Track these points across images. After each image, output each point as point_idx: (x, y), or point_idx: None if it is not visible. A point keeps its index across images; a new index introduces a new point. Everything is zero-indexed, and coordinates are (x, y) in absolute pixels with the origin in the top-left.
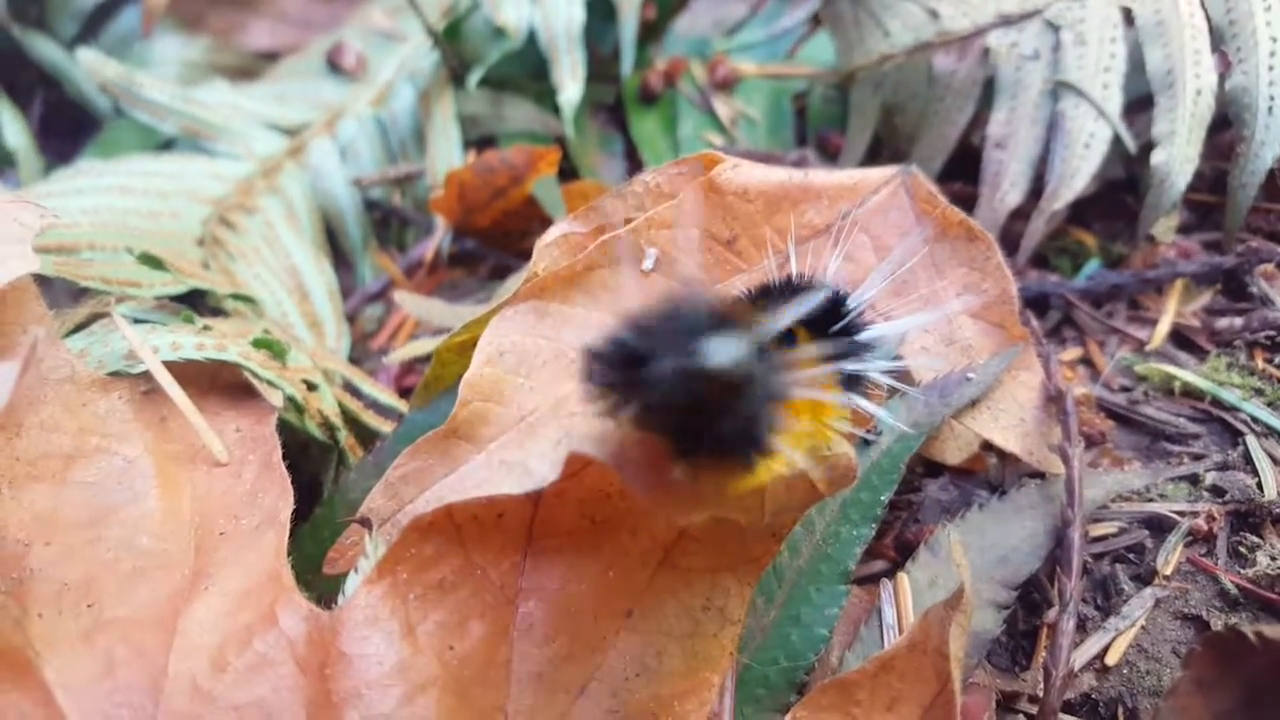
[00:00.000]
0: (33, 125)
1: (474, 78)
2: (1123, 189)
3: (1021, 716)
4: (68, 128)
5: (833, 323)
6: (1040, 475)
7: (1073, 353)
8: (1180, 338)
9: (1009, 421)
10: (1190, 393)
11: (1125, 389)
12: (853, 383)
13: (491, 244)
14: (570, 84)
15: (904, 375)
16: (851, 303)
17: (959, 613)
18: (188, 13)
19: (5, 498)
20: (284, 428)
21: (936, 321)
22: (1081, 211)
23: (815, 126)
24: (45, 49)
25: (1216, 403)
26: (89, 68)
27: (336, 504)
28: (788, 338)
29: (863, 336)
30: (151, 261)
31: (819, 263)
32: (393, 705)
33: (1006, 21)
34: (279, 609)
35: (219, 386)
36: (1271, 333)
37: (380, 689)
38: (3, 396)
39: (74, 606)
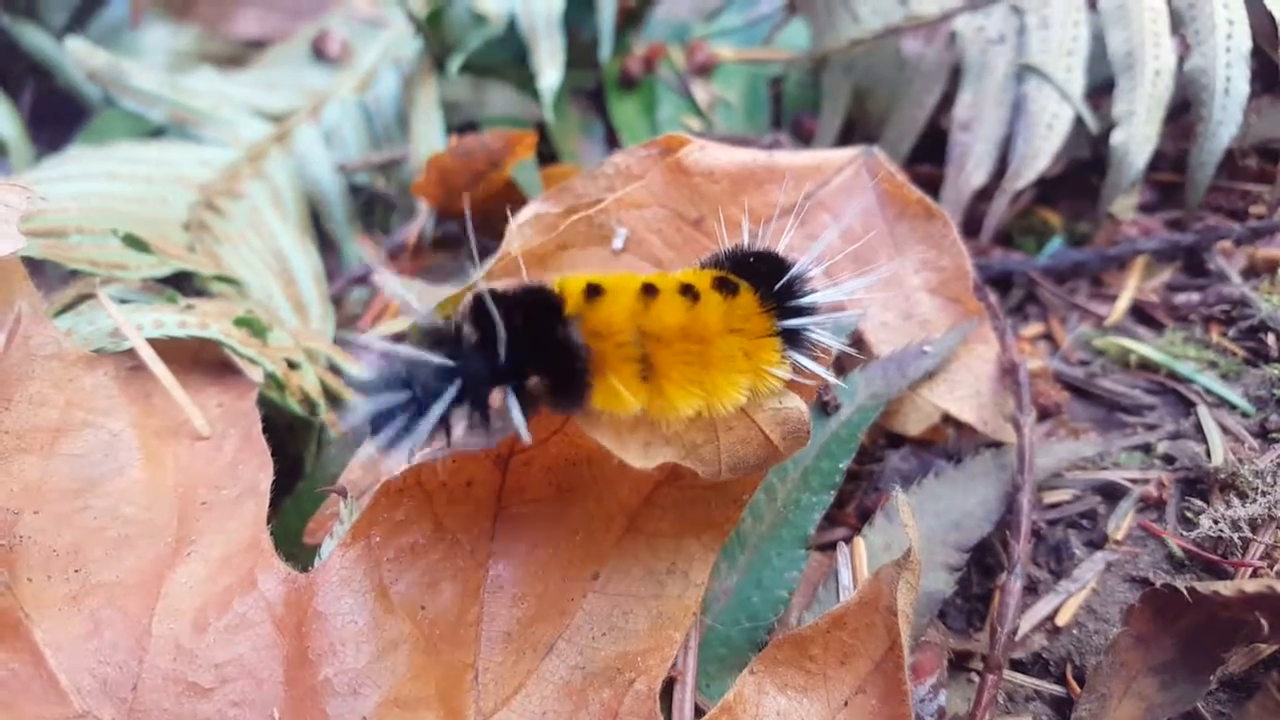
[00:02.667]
0: (24, 114)
1: (455, 64)
2: (1089, 169)
3: (974, 674)
4: (58, 116)
5: (777, 281)
6: (996, 444)
7: (1035, 328)
8: (1140, 313)
9: (965, 393)
10: (1146, 366)
11: (1083, 362)
12: (794, 340)
13: (473, 226)
14: (550, 70)
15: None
16: (796, 268)
17: (907, 571)
18: (176, 2)
19: None
20: (267, 405)
21: (876, 283)
22: (1048, 191)
23: (790, 110)
24: (35, 39)
25: (1172, 375)
26: (78, 57)
27: (317, 479)
28: (730, 290)
29: (805, 300)
30: (136, 244)
31: (777, 240)
32: (366, 661)
33: (973, 6)
34: (258, 573)
35: (201, 363)
36: (1227, 307)
37: (354, 646)
38: None
39: (62, 571)
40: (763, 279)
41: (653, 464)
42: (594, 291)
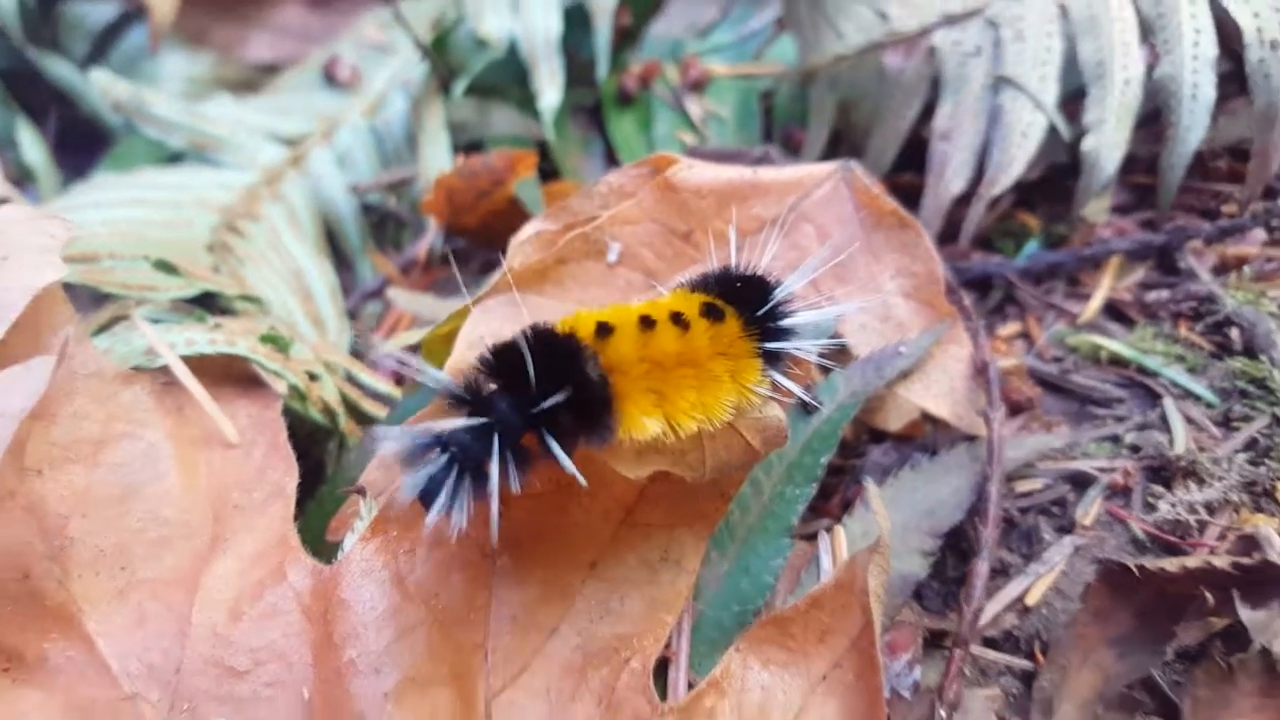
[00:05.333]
0: (49, 142)
1: (460, 86)
2: (1066, 174)
3: (947, 650)
4: (81, 143)
5: (760, 307)
6: (970, 438)
7: (1012, 327)
8: (1114, 311)
9: (939, 390)
10: (1117, 361)
11: (1057, 359)
12: (773, 359)
13: (480, 242)
14: (549, 90)
15: (835, 354)
16: (779, 292)
17: (878, 555)
18: (191, 29)
19: (45, 477)
20: (289, 414)
21: (853, 312)
22: (1027, 196)
23: (780, 123)
24: (59, 69)
25: (1141, 369)
26: (101, 87)
27: (338, 481)
28: (717, 317)
29: (786, 322)
30: (166, 267)
31: (762, 254)
32: (386, 642)
33: (950, 21)
34: (287, 566)
35: (230, 377)
36: (1195, 304)
37: (375, 629)
38: (40, 388)
39: (109, 569)
40: (747, 303)
41: (645, 473)
42: (604, 329)
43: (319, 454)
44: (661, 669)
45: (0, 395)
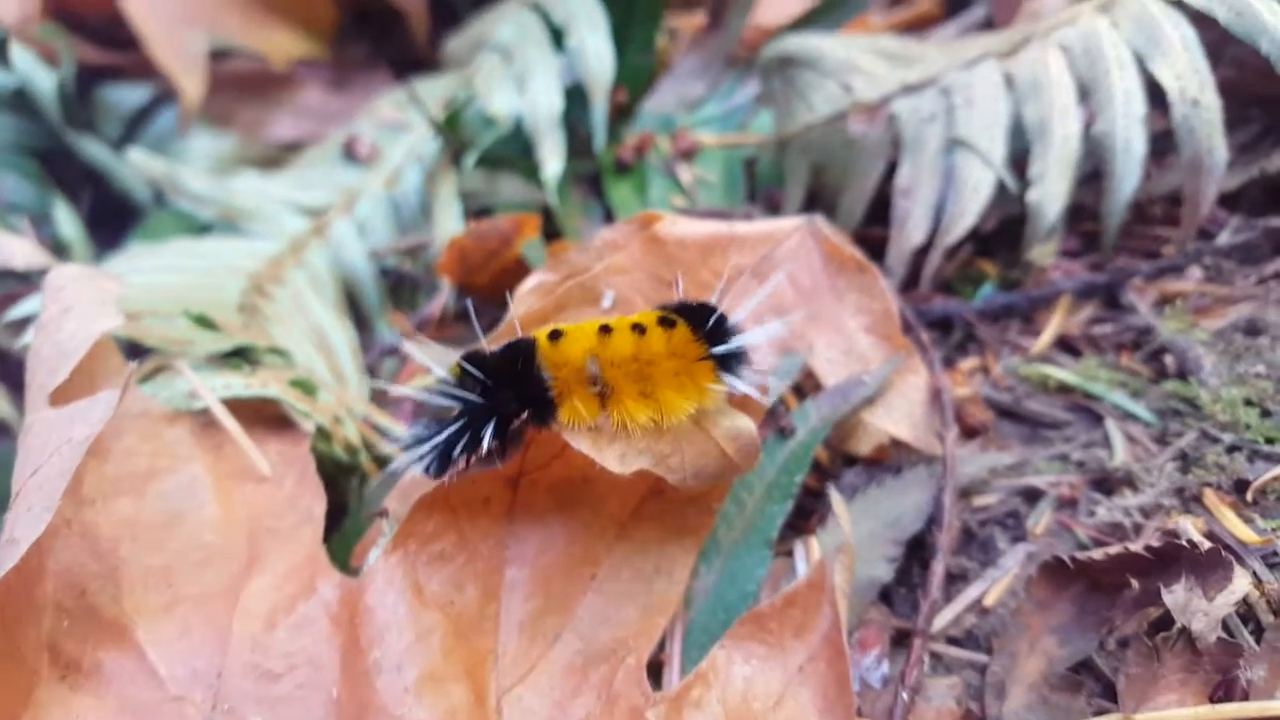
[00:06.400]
0: (83, 218)
1: (471, 159)
2: (1019, 225)
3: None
4: (113, 220)
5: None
6: (930, 458)
7: (972, 362)
8: (1064, 344)
9: (900, 414)
10: (1065, 388)
11: (1010, 389)
12: (727, 366)
13: (490, 299)
14: (552, 161)
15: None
16: (731, 317)
17: (843, 555)
18: (218, 111)
19: (98, 507)
20: (315, 453)
21: (786, 330)
22: (984, 245)
23: (763, 186)
24: (93, 149)
25: (1086, 395)
26: (138, 165)
27: (360, 513)
28: (670, 325)
29: (735, 339)
30: (204, 322)
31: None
32: (406, 644)
33: (908, 90)
34: (317, 581)
35: (263, 418)
36: (1135, 335)
37: (396, 632)
38: (105, 418)
39: (157, 586)
40: (698, 320)
41: (629, 470)
42: (556, 335)
43: (342, 489)
44: (657, 672)
45: (68, 426)
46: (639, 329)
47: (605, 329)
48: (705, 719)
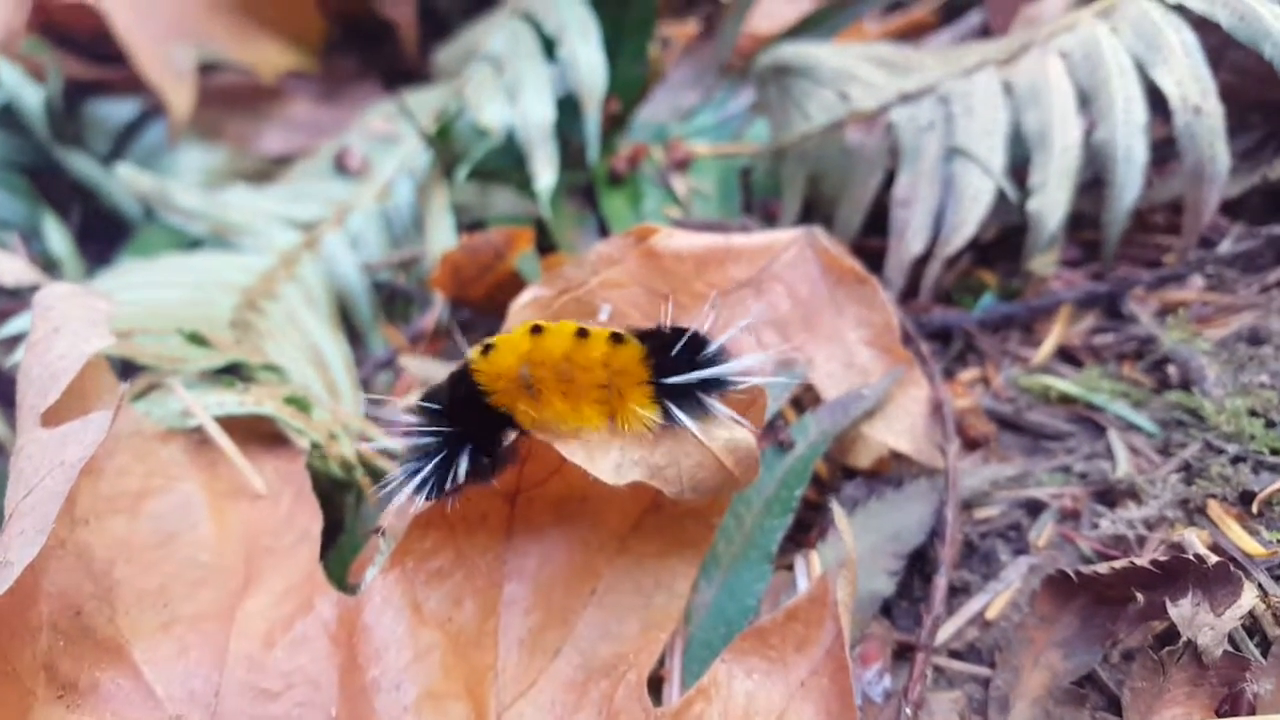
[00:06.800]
0: (72, 233)
1: (463, 172)
2: (1019, 234)
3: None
4: (103, 235)
5: (671, 352)
6: (931, 471)
7: (972, 373)
8: (1065, 354)
9: (901, 427)
10: (1067, 399)
11: (1011, 400)
12: (673, 394)
13: (484, 312)
14: (545, 173)
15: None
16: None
17: (845, 569)
18: (206, 125)
19: (92, 526)
20: (311, 471)
21: (770, 362)
22: (984, 255)
23: (759, 196)
24: (81, 165)
25: (1088, 406)
26: (127, 181)
27: (357, 530)
28: (619, 341)
29: (697, 373)
30: (196, 339)
31: (740, 310)
32: (405, 663)
33: (906, 99)
34: (315, 599)
35: (257, 436)
36: (1137, 345)
37: (395, 650)
38: (98, 440)
39: (153, 606)
40: (663, 344)
41: (623, 481)
42: (487, 348)
43: (338, 506)
44: (656, 688)
45: (60, 447)
46: (582, 333)
47: (537, 329)
48: None
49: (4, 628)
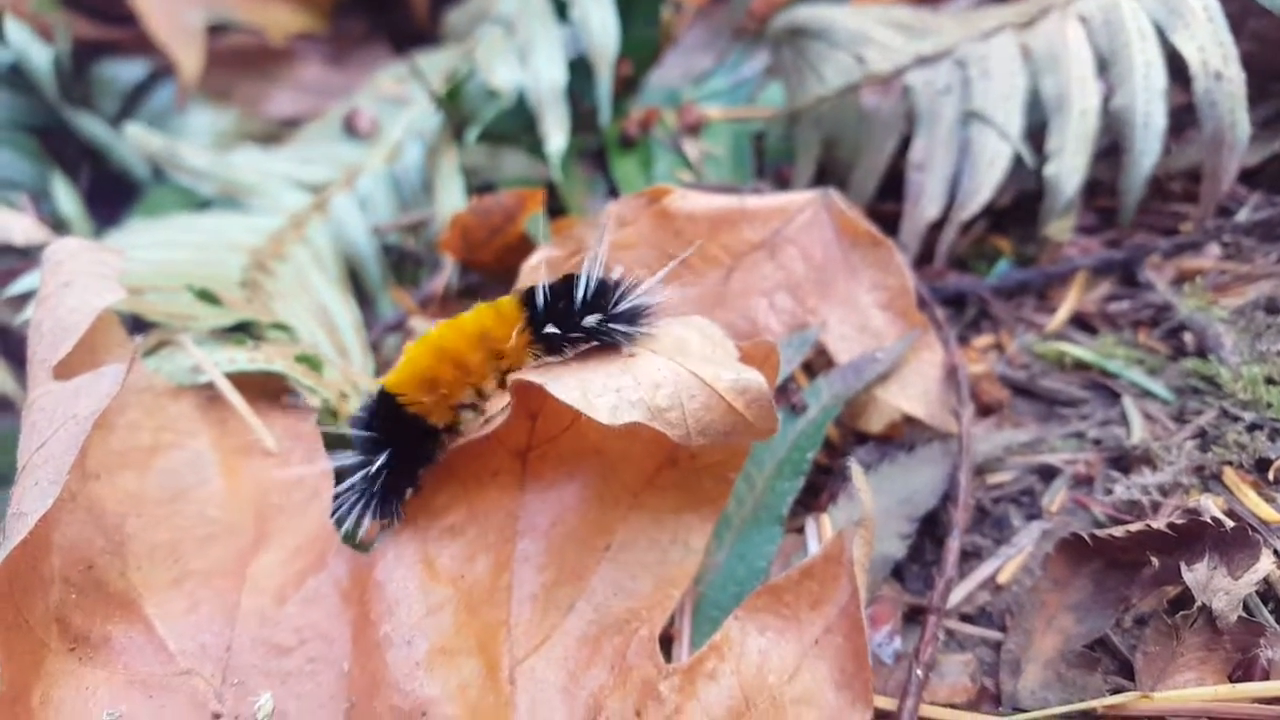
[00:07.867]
0: (81, 194)
1: (473, 134)
2: (1035, 200)
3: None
4: (112, 196)
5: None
6: (944, 436)
7: (986, 339)
8: (1080, 321)
9: (914, 392)
10: (1081, 365)
11: (1025, 366)
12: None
13: (494, 275)
14: (556, 135)
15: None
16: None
17: (862, 529)
18: (216, 86)
19: (103, 481)
20: (321, 430)
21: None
22: (999, 220)
23: (772, 161)
24: (91, 126)
25: (1103, 372)
26: (136, 141)
27: None
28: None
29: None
30: (207, 297)
31: (756, 271)
32: (417, 618)
33: (922, 62)
34: (327, 556)
35: (268, 393)
36: (1153, 312)
37: (407, 606)
38: (111, 393)
39: (164, 561)
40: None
41: (619, 423)
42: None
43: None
44: (666, 647)
45: (73, 400)
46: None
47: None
48: (719, 690)
49: (17, 580)
